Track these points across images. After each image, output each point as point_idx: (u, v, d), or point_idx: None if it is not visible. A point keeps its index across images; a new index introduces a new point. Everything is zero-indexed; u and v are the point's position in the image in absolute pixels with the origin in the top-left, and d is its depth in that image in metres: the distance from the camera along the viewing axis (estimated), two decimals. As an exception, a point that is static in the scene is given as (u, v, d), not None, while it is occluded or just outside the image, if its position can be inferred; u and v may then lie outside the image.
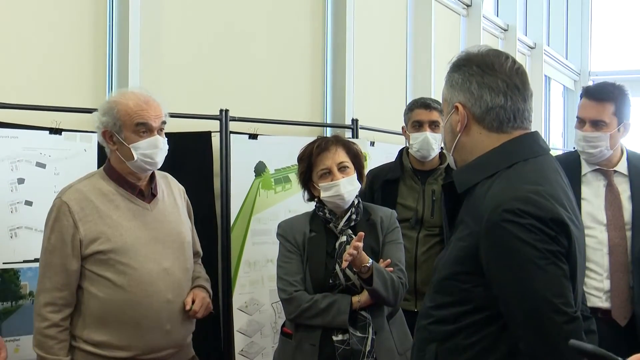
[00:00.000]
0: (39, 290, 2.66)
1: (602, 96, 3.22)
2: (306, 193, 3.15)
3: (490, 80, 1.89)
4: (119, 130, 2.68)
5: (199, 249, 3.10)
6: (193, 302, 2.81)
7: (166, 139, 2.77)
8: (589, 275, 3.18)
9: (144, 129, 2.68)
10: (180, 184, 3.03)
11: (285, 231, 3.11)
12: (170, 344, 2.77)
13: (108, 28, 3.84)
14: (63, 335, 2.63)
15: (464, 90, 1.92)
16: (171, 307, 2.74)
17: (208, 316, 2.96)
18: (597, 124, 3.22)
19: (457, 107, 1.93)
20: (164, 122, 2.76)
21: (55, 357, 2.60)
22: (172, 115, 3.77)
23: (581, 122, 3.25)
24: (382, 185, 3.71)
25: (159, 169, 2.86)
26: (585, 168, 3.33)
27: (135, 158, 2.67)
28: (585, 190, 3.28)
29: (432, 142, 3.65)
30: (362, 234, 2.82)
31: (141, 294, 2.66)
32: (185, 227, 2.91)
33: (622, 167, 3.32)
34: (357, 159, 3.11)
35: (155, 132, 2.71)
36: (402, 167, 3.76)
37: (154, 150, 2.69)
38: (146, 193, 2.80)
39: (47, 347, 2.60)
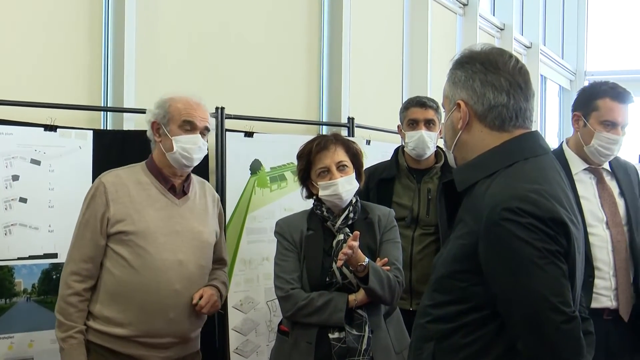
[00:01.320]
0: (68, 260, 2.84)
1: (628, 99, 3.27)
2: (304, 190, 3.15)
3: (494, 79, 1.88)
4: (166, 123, 2.90)
5: (225, 257, 3.23)
6: (201, 297, 2.92)
7: (207, 143, 2.98)
8: (596, 274, 3.18)
9: (189, 126, 2.91)
10: (216, 193, 3.20)
11: (282, 229, 3.11)
12: (172, 332, 2.87)
13: (104, 25, 3.83)
14: (82, 305, 2.81)
15: (467, 88, 1.91)
16: (178, 297, 2.86)
17: (213, 314, 3.07)
18: (623, 127, 3.28)
19: (459, 105, 1.92)
20: (207, 129, 2.98)
21: (73, 323, 2.78)
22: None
23: (611, 125, 3.24)
24: (377, 183, 3.70)
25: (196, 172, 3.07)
26: (576, 167, 3.34)
27: (175, 150, 2.87)
28: (580, 188, 3.28)
29: (428, 141, 3.64)
30: (357, 233, 2.82)
31: (151, 279, 2.81)
32: (209, 230, 3.04)
33: (606, 164, 3.37)
34: (356, 158, 3.11)
35: (198, 132, 2.92)
36: (398, 165, 3.76)
37: (193, 146, 2.90)
38: (178, 190, 2.98)
39: (67, 313, 2.78)
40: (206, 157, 3.98)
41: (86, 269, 2.80)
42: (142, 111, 3.14)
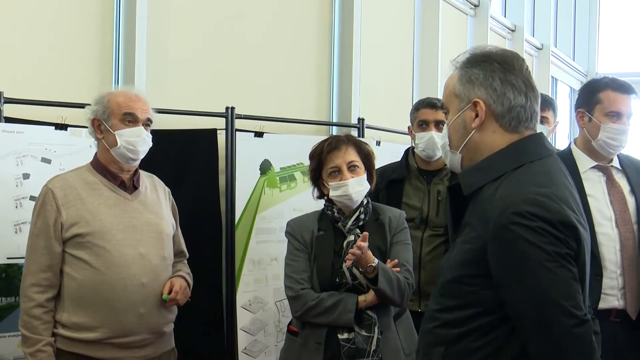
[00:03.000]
0: (25, 273, 2.79)
1: (630, 90, 3.26)
2: (316, 190, 3.15)
3: (512, 79, 1.87)
4: (107, 119, 2.84)
5: (184, 249, 3.17)
6: (171, 291, 2.89)
7: (151, 136, 2.91)
8: (603, 274, 3.16)
9: (131, 118, 2.85)
10: (166, 186, 3.13)
11: (293, 229, 3.11)
12: (145, 328, 2.83)
13: (115, 24, 3.84)
14: (47, 317, 2.75)
15: (486, 86, 1.88)
16: (146, 291, 2.82)
17: (193, 303, 3.01)
18: (629, 117, 3.25)
19: (475, 103, 1.89)
20: (150, 120, 2.91)
21: (39, 336, 2.71)
22: (178, 113, 3.80)
23: (617, 115, 3.22)
24: (387, 184, 3.69)
25: (152, 168, 3.03)
26: (583, 165, 3.30)
27: (119, 144, 2.81)
28: (588, 187, 3.25)
29: (438, 142, 3.62)
30: (366, 234, 2.82)
31: (115, 276, 2.76)
32: (166, 221, 3.00)
33: (616, 161, 3.33)
34: (367, 159, 3.11)
35: (141, 124, 2.87)
36: (408, 166, 3.75)
37: (137, 138, 2.84)
38: (128, 185, 2.93)
39: (32, 327, 2.71)
40: (216, 157, 4.03)
41: (45, 278, 2.74)
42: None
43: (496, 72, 1.88)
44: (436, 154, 3.65)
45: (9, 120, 3.21)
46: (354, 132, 5.12)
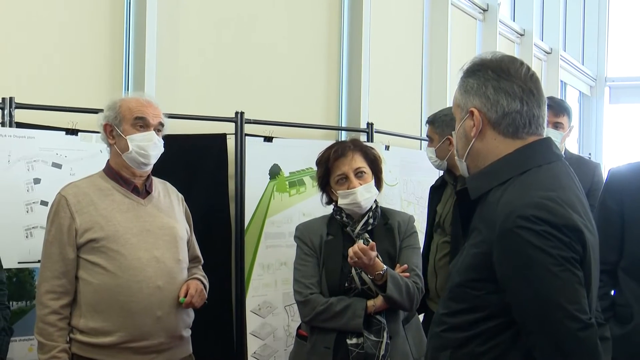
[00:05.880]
0: (40, 280, 2.80)
1: None
2: (324, 196, 3.16)
3: (507, 85, 1.87)
4: (118, 124, 2.86)
5: (199, 254, 3.17)
6: (187, 294, 2.88)
7: (163, 141, 2.93)
8: None
9: (142, 123, 2.86)
10: (179, 193, 3.13)
11: (302, 234, 3.11)
12: (162, 331, 2.83)
13: (125, 30, 3.86)
14: (62, 324, 2.76)
15: (480, 95, 1.90)
16: (162, 294, 2.82)
17: (203, 307, 2.99)
18: None
19: (472, 112, 1.91)
20: (161, 125, 2.93)
21: (54, 343, 2.71)
22: (188, 117, 3.81)
23: None
24: (431, 191, 3.77)
25: (164, 174, 3.04)
26: None
27: (130, 149, 2.82)
28: None
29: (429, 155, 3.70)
30: (373, 243, 2.83)
31: (131, 279, 2.76)
32: (180, 225, 3.00)
33: None
34: (374, 164, 3.11)
35: (152, 129, 2.88)
36: (450, 173, 3.75)
37: (148, 143, 2.85)
38: (141, 190, 2.93)
39: (47, 334, 2.72)
40: (225, 162, 4.04)
41: (60, 285, 2.75)
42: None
43: (490, 80, 1.89)
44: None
45: (20, 125, 3.22)
46: (363, 137, 5.13)
